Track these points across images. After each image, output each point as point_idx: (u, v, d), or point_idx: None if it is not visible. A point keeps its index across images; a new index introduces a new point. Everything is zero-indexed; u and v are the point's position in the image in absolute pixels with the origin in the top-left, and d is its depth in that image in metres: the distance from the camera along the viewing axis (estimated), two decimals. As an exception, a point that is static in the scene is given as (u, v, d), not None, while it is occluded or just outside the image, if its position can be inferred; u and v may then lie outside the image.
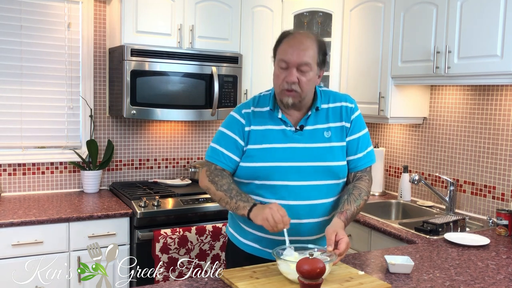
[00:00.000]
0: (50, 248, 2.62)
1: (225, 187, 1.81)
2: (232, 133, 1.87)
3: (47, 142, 3.22)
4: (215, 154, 1.88)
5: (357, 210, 1.81)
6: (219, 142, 1.89)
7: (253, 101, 1.92)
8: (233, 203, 1.78)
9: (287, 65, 1.77)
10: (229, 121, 1.92)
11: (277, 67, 1.81)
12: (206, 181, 1.88)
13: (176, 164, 3.63)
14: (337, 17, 3.39)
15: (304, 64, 1.76)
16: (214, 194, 1.84)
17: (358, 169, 1.90)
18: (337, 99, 1.91)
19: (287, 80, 1.77)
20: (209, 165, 1.89)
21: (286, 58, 1.76)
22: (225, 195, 1.80)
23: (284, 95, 1.79)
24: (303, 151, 1.82)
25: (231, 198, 1.78)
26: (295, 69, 1.76)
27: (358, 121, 1.90)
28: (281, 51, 1.80)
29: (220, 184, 1.82)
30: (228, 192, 1.80)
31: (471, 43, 2.48)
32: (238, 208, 1.76)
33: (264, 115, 1.87)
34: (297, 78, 1.76)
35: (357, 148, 1.89)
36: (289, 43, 1.79)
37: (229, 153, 1.86)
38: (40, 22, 3.13)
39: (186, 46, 3.16)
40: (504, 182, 2.72)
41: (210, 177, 1.86)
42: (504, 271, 1.89)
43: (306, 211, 1.82)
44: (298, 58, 1.75)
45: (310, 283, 1.40)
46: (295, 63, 1.75)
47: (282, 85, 1.79)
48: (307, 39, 1.79)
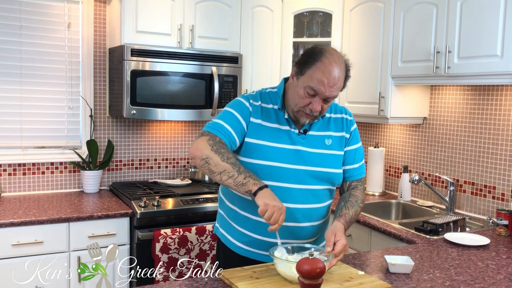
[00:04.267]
0: (50, 248, 2.62)
1: (233, 160, 1.68)
2: (239, 114, 1.82)
3: (47, 142, 3.22)
4: (219, 128, 1.78)
5: (355, 215, 1.85)
6: (223, 119, 1.81)
7: (260, 96, 1.89)
8: (241, 177, 1.65)
9: (316, 94, 1.73)
10: (236, 104, 1.86)
11: (303, 89, 1.74)
12: (207, 150, 1.70)
13: (176, 164, 3.63)
14: (337, 17, 3.39)
15: (331, 98, 1.76)
16: (216, 164, 1.67)
17: (354, 178, 1.96)
18: (338, 111, 1.96)
19: (311, 108, 1.75)
20: (212, 136, 1.75)
21: (318, 90, 1.72)
22: (232, 168, 1.66)
23: (302, 116, 1.80)
24: (304, 155, 1.83)
25: (239, 172, 1.65)
26: (322, 99, 1.75)
27: (356, 133, 1.98)
28: (312, 78, 1.71)
29: (227, 156, 1.68)
30: (236, 165, 1.67)
31: (471, 43, 2.48)
32: (246, 184, 1.64)
33: (270, 113, 1.86)
34: (321, 107, 1.76)
35: (354, 158, 1.95)
36: (324, 74, 1.70)
37: (232, 131, 1.79)
38: (40, 22, 3.13)
39: (186, 46, 3.16)
40: (504, 182, 2.72)
41: (215, 146, 1.70)
42: (504, 271, 1.89)
43: (302, 214, 1.83)
44: (330, 93, 1.73)
45: (310, 283, 1.40)
46: (324, 96, 1.73)
47: (304, 109, 1.77)
48: (340, 69, 1.73)
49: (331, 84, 1.71)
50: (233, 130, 1.79)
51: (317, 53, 1.73)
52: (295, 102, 1.79)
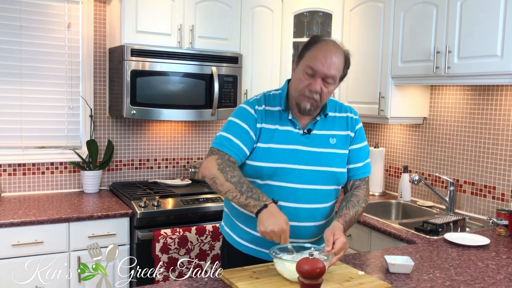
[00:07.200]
0: (50, 248, 2.62)
1: (235, 179, 1.71)
2: (246, 125, 1.82)
3: (47, 142, 3.22)
4: (228, 144, 1.79)
5: (356, 215, 1.84)
6: (232, 132, 1.81)
7: (264, 100, 1.89)
8: (243, 198, 1.69)
9: (314, 73, 1.75)
10: (241, 113, 1.86)
11: (302, 71, 1.77)
12: (214, 170, 1.74)
13: (176, 164, 3.63)
14: (337, 17, 3.39)
15: (330, 77, 1.76)
16: (222, 184, 1.73)
17: (357, 177, 1.94)
18: (343, 110, 1.96)
19: (310, 88, 1.76)
20: (221, 154, 1.78)
21: (316, 67, 1.74)
22: (234, 188, 1.70)
23: (303, 100, 1.79)
24: (309, 155, 1.83)
25: (242, 193, 1.69)
26: (321, 79, 1.75)
27: (361, 132, 1.96)
28: (310, 57, 1.76)
29: (231, 175, 1.72)
30: (238, 185, 1.70)
31: (471, 43, 2.48)
32: (248, 205, 1.68)
33: (274, 115, 1.86)
34: (320, 88, 1.76)
35: (358, 157, 1.93)
36: (321, 51, 1.75)
37: (242, 145, 1.79)
38: (40, 22, 3.13)
39: (186, 46, 3.16)
40: (504, 182, 2.72)
41: (221, 166, 1.74)
42: (504, 271, 1.89)
43: (306, 215, 1.83)
44: (327, 70, 1.74)
45: (310, 283, 1.40)
46: (322, 73, 1.74)
47: (303, 91, 1.78)
48: (338, 52, 1.77)
49: (328, 62, 1.73)
50: (241, 142, 1.80)
51: (315, 38, 1.82)
52: (296, 88, 1.80)
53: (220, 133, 1.85)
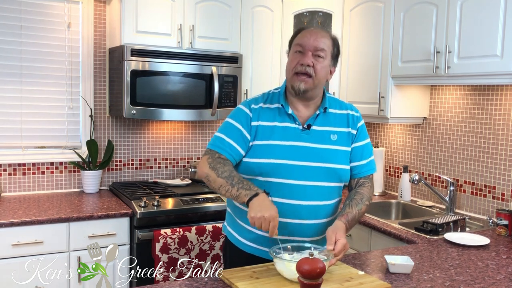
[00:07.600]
0: (50, 248, 2.62)
1: (226, 174, 1.75)
2: (239, 124, 1.86)
3: (47, 142, 3.22)
4: (219, 143, 1.85)
5: (359, 214, 1.83)
6: (225, 132, 1.87)
7: (263, 98, 1.92)
8: (234, 190, 1.72)
9: (303, 48, 1.80)
10: (236, 113, 1.90)
11: (292, 53, 1.84)
12: (206, 168, 1.81)
13: (176, 164, 3.63)
14: (337, 17, 3.39)
15: (320, 50, 1.80)
16: (214, 181, 1.77)
17: (361, 175, 1.94)
18: (343, 107, 1.95)
19: (301, 62, 1.79)
20: (212, 153, 1.84)
21: (303, 42, 1.80)
22: (226, 182, 1.74)
23: (296, 80, 1.81)
24: (309, 151, 1.82)
25: (232, 185, 1.72)
26: (311, 53, 1.79)
27: (363, 129, 1.96)
28: (297, 38, 1.85)
29: (221, 171, 1.76)
30: (229, 179, 1.74)
31: (471, 43, 2.48)
32: (239, 196, 1.71)
33: (274, 112, 1.87)
34: (312, 62, 1.79)
35: (361, 155, 1.93)
36: (308, 31, 1.84)
37: (234, 144, 1.83)
38: (40, 22, 3.13)
39: (186, 46, 3.16)
40: (504, 182, 2.72)
41: (212, 164, 1.80)
42: (504, 271, 1.89)
43: (308, 212, 1.82)
44: (315, 43, 1.79)
45: (310, 283, 1.40)
46: (311, 47, 1.79)
47: (295, 68, 1.81)
48: (324, 32, 1.86)
49: (314, 36, 1.81)
50: (233, 140, 1.84)
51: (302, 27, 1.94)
52: (289, 69, 1.85)
53: (215, 133, 1.90)
